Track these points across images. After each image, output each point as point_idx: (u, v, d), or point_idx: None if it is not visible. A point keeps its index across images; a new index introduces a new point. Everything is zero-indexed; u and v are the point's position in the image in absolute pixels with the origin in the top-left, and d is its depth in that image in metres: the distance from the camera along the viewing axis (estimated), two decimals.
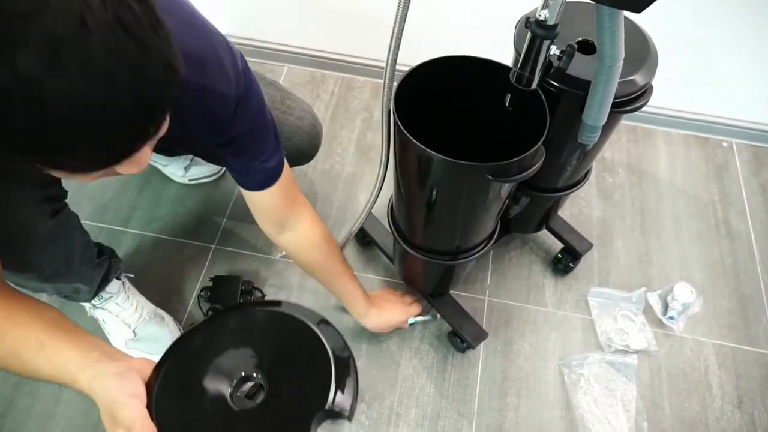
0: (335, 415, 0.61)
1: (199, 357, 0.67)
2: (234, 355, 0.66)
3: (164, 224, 1.43)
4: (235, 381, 0.63)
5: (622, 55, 0.79)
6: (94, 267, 1.08)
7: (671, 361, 1.30)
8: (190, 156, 1.47)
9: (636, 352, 1.29)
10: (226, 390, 0.62)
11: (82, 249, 1.01)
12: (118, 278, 1.19)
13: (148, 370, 0.64)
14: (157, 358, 1.20)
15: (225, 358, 0.65)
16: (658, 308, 1.36)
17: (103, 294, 1.15)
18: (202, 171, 1.50)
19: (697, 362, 1.30)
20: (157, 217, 1.44)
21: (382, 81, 0.87)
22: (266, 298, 1.29)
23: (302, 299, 1.32)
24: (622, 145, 1.69)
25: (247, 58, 1.20)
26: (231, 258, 1.38)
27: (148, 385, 0.62)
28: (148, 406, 0.60)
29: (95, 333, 1.22)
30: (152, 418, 0.58)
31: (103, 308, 1.17)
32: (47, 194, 0.88)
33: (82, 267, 1.03)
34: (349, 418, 0.62)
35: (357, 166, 1.56)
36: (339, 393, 0.61)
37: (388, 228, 1.13)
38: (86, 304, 1.18)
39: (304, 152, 1.23)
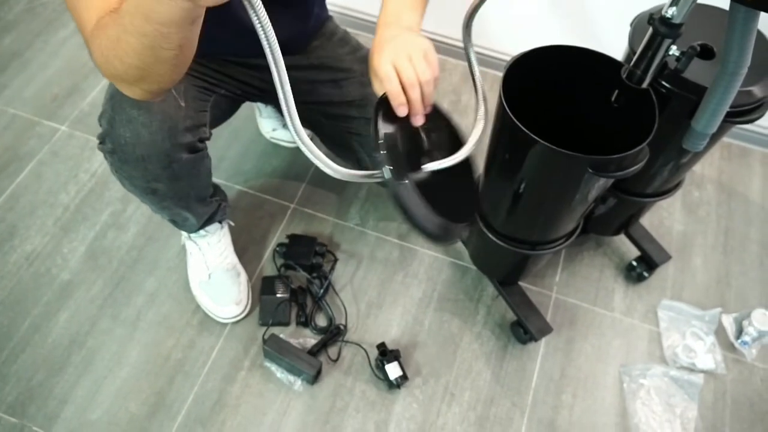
0: None
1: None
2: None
3: (248, 178, 1.49)
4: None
5: (748, 62, 0.76)
6: (205, 205, 1.15)
7: (738, 387, 1.26)
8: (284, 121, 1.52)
9: (702, 371, 1.26)
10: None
11: (202, 189, 1.08)
12: (220, 222, 1.25)
13: None
14: (219, 309, 1.24)
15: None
16: (731, 331, 1.31)
17: (202, 231, 1.22)
18: (286, 135, 1.54)
19: (766, 393, 1.26)
20: (242, 170, 1.49)
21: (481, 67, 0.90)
22: None
23: (371, 269, 1.35)
24: (714, 161, 1.63)
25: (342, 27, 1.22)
26: (308, 219, 1.42)
27: None
28: None
29: (180, 263, 1.32)
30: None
31: (195, 242, 1.24)
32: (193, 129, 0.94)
33: (195, 203, 1.09)
34: None
35: None
36: None
37: None
38: (184, 233, 1.26)
39: None
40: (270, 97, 1.16)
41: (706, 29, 0.92)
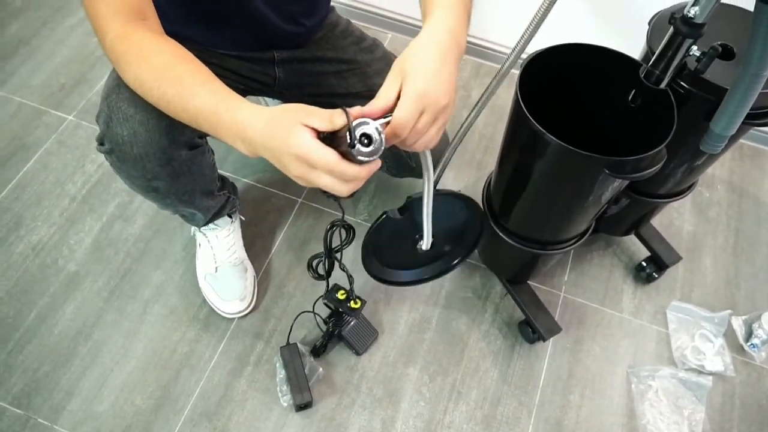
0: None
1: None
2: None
3: (256, 171, 1.48)
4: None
5: None
6: (212, 199, 1.13)
7: (747, 389, 1.25)
8: None
9: (711, 374, 1.25)
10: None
11: (207, 184, 1.06)
12: (230, 216, 1.25)
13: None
14: (223, 304, 1.24)
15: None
16: (740, 333, 1.30)
17: (211, 224, 1.21)
18: None
19: None
20: (250, 163, 1.48)
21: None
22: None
23: None
24: (725, 162, 1.61)
25: (353, 21, 1.22)
26: (315, 214, 1.41)
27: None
28: None
29: (188, 256, 1.31)
30: None
31: (204, 234, 1.23)
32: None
33: (201, 198, 1.08)
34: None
35: None
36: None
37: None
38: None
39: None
40: (272, 91, 1.14)
41: (726, 29, 0.90)
